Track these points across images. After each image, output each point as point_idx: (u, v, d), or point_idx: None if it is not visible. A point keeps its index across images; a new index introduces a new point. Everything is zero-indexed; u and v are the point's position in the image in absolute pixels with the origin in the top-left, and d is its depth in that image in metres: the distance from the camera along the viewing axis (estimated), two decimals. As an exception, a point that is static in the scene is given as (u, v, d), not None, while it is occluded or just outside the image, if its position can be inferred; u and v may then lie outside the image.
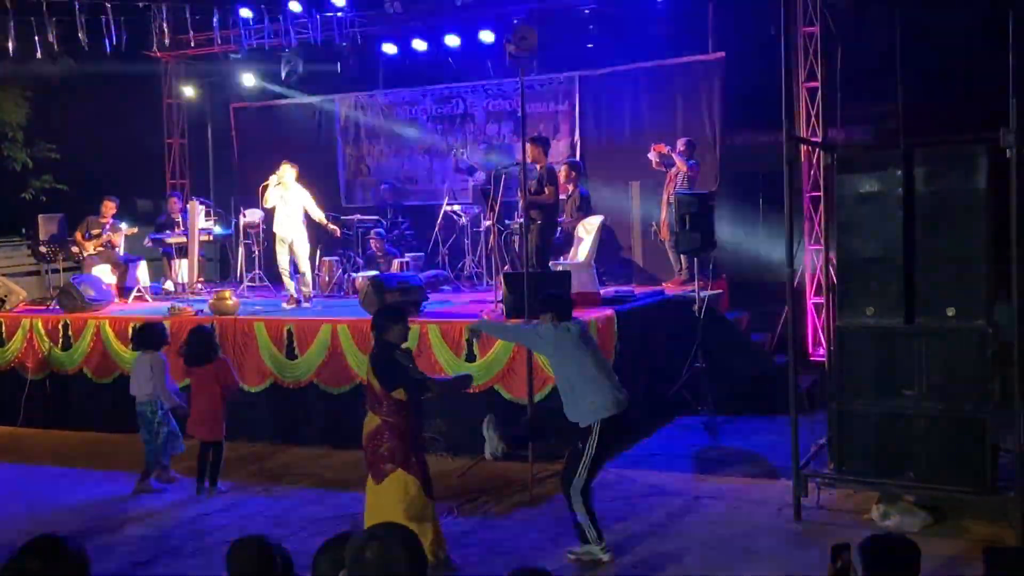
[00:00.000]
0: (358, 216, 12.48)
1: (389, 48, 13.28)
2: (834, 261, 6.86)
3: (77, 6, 11.60)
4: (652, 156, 10.84)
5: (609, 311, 8.59)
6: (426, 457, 5.83)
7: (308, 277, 10.55)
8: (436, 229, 12.05)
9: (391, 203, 13.02)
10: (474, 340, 7.85)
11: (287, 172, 10.37)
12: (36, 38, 11.69)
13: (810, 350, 10.51)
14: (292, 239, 10.33)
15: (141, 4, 12.53)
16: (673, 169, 10.74)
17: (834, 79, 9.72)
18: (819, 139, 10.13)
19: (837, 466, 6.55)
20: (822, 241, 10.25)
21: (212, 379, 7.47)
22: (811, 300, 10.61)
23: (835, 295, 6.76)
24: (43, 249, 11.46)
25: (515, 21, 12.06)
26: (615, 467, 7.79)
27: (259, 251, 12.03)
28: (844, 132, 10.81)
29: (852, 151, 7.39)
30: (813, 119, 10.48)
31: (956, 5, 10.28)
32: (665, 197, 10.76)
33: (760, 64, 10.01)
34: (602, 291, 9.50)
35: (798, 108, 10.46)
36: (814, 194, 10.55)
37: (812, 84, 10.50)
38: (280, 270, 10.54)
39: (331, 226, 11.05)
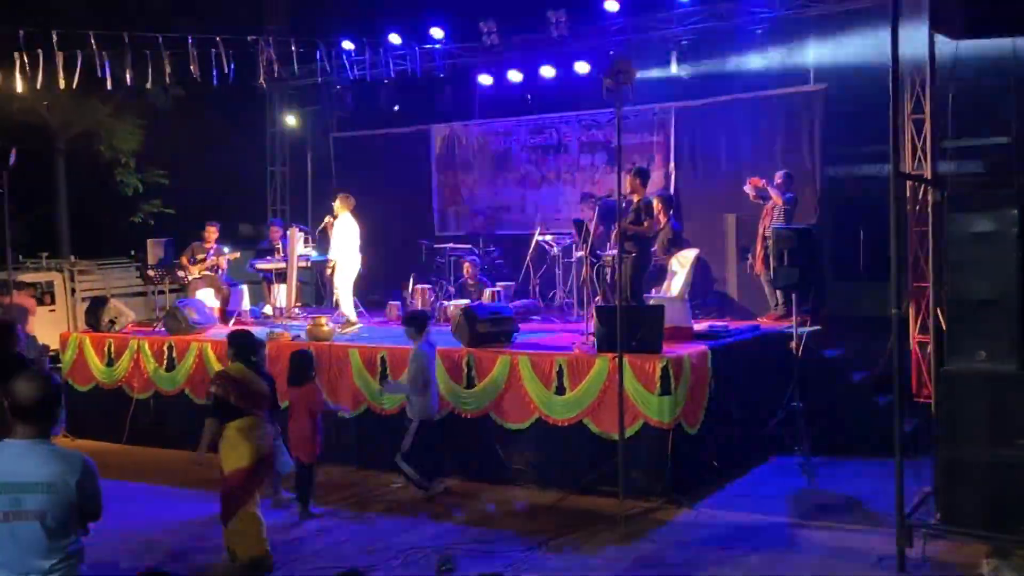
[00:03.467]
0: (451, 244, 12.62)
1: (485, 79, 13.44)
2: (943, 300, 6.59)
3: (190, 40, 12.09)
4: (748, 190, 10.68)
5: (703, 347, 8.44)
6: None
7: (343, 304, 10.85)
8: (528, 258, 12.07)
9: (483, 232, 13.12)
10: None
11: (337, 203, 10.94)
12: (150, 70, 12.20)
13: (914, 391, 10.11)
14: (332, 269, 10.91)
15: (250, 38, 12.98)
16: (769, 202, 10.55)
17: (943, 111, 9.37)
18: (925, 171, 9.81)
19: (944, 516, 6.27)
20: (928, 277, 9.87)
21: (304, 401, 7.69)
22: (915, 339, 10.22)
23: (943, 335, 6.49)
24: (151, 272, 11.90)
25: (611, 52, 12.05)
26: (707, 507, 7.64)
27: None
28: (954, 165, 10.41)
29: (963, 188, 7.12)
30: (919, 151, 10.15)
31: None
32: (761, 231, 10.57)
33: (863, 95, 9.76)
34: (695, 325, 9.33)
35: (903, 141, 10.15)
36: (919, 228, 10.19)
37: (918, 116, 10.19)
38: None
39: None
